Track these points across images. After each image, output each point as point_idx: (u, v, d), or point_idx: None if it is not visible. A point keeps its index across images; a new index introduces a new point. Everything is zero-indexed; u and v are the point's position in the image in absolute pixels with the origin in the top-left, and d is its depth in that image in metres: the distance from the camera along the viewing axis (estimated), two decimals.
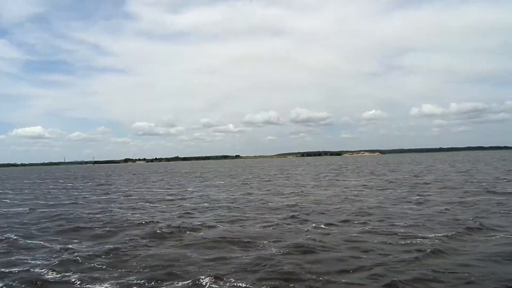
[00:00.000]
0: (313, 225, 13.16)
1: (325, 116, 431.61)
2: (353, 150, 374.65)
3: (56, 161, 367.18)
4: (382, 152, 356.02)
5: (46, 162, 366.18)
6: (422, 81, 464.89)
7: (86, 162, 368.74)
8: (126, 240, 11.60)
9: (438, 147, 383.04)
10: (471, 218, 13.31)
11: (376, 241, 10.63)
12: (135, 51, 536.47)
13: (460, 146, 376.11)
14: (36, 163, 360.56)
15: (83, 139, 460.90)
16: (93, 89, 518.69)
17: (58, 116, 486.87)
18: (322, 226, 13.02)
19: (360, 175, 41.46)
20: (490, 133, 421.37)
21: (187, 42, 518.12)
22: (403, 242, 10.35)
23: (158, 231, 12.74)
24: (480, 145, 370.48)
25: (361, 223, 13.35)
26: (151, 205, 20.84)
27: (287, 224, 13.59)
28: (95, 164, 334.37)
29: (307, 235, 11.63)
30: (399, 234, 11.36)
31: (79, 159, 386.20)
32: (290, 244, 10.39)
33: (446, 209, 15.56)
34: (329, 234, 11.78)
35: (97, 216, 16.74)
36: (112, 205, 21.21)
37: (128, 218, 15.65)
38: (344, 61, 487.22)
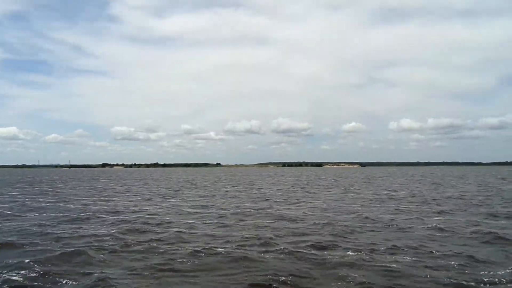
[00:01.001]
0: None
1: (306, 127, 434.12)
2: (333, 161, 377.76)
3: (30, 164, 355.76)
4: (361, 164, 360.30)
5: (19, 164, 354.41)
6: (402, 95, 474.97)
7: (62, 166, 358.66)
8: None
9: (416, 161, 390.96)
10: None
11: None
12: (118, 55, 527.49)
13: (436, 161, 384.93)
14: (9, 165, 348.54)
15: (60, 141, 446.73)
16: (73, 91, 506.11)
17: (35, 117, 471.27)
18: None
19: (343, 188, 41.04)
20: (465, 148, 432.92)
21: (170, 47, 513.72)
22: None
23: None
24: (455, 161, 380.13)
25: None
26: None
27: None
28: (71, 168, 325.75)
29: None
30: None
31: (54, 162, 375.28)
32: None
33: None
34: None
35: None
36: None
37: None
38: (328, 72, 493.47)
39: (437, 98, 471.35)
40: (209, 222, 16.40)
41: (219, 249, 11.02)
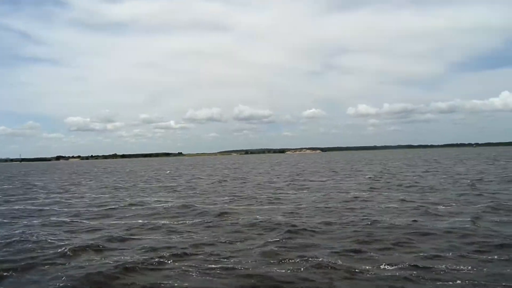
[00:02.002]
0: None
1: (267, 114, 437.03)
2: (295, 147, 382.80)
3: None
4: (322, 149, 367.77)
5: None
6: (358, 81, 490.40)
7: (12, 160, 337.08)
8: None
9: (373, 145, 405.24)
10: None
11: None
12: (68, 41, 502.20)
13: (392, 145, 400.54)
14: None
15: (9, 134, 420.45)
16: (21, 80, 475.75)
17: None
18: None
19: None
20: (418, 132, 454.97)
21: (124, 34, 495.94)
22: None
23: None
24: (409, 144, 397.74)
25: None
26: None
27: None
28: (22, 162, 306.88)
29: None
30: None
31: (3, 156, 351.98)
32: None
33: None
34: None
35: None
36: None
37: None
38: (285, 59, 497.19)
39: (390, 84, 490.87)
40: None
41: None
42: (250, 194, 20.66)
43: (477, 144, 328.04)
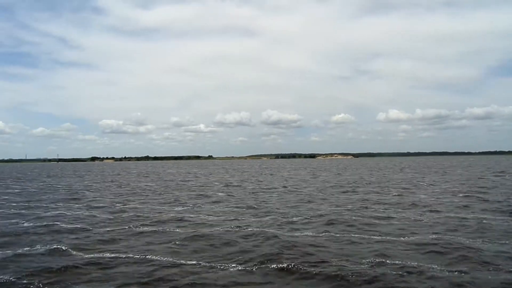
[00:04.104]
0: None
1: (296, 119, 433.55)
2: (324, 153, 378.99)
3: (17, 158, 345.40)
4: (354, 155, 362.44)
5: (5, 158, 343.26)
6: (389, 86, 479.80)
7: (50, 160, 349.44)
8: None
9: (405, 151, 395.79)
10: None
11: None
12: (103, 47, 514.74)
13: (426, 151, 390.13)
14: None
15: (47, 135, 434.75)
16: (58, 84, 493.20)
17: (21, 111, 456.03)
18: None
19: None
20: (454, 138, 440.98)
21: (156, 39, 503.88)
22: None
23: None
24: (445, 151, 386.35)
25: None
26: None
27: None
28: (59, 162, 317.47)
29: None
30: None
31: (42, 157, 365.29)
32: None
33: None
34: None
35: None
36: None
37: None
38: (315, 63, 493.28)
39: (423, 89, 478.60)
40: None
41: None
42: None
43: None
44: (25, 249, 10.36)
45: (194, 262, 8.99)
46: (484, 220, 13.71)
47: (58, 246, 10.47)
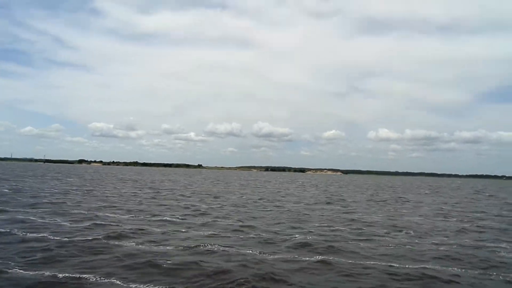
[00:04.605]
0: None
1: (287, 132, 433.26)
2: (314, 167, 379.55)
3: (2, 157, 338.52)
4: (343, 172, 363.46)
5: None
6: (381, 105, 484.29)
7: (36, 160, 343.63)
8: None
9: (394, 170, 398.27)
10: None
11: None
12: (99, 49, 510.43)
13: (414, 171, 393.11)
14: None
15: (35, 135, 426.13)
16: (52, 83, 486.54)
17: (10, 108, 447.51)
18: None
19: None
20: (442, 160, 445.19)
21: (153, 44, 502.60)
22: None
23: None
24: (433, 172, 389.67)
25: None
26: None
27: None
28: (45, 163, 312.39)
29: None
30: None
31: (28, 156, 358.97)
32: None
33: None
34: None
35: None
36: None
37: None
38: (309, 79, 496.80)
39: (414, 110, 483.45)
40: None
41: None
42: None
43: (506, 177, 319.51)
44: None
45: None
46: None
47: None
